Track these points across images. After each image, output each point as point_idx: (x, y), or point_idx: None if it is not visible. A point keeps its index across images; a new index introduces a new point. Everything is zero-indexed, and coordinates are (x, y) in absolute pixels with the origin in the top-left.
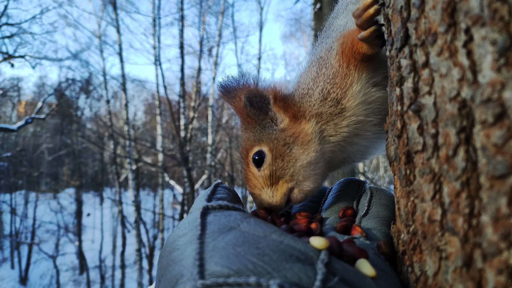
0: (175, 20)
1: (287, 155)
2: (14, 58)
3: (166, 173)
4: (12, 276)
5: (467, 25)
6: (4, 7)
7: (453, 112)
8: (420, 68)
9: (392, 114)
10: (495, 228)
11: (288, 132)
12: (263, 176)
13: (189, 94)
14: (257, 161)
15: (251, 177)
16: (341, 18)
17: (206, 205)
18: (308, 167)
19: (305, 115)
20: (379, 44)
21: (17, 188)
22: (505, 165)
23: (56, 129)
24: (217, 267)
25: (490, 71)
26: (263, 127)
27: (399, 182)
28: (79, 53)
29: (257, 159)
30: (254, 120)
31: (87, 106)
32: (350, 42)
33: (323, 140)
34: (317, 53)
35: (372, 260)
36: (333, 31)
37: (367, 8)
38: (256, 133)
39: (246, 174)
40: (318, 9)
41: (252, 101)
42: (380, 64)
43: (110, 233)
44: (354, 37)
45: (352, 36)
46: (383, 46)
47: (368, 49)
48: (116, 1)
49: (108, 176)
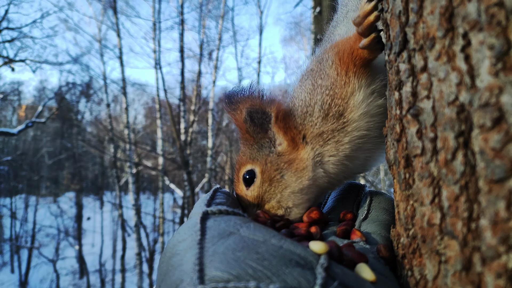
0: (175, 24)
1: (276, 181)
2: (15, 62)
3: (166, 176)
4: (12, 280)
5: (465, 30)
6: (5, 12)
7: (451, 116)
8: (419, 73)
9: (391, 118)
10: (494, 231)
11: (285, 157)
12: (251, 196)
13: (190, 97)
14: (247, 180)
15: (239, 192)
16: (341, 26)
17: (205, 210)
18: (300, 193)
19: (306, 138)
20: (380, 48)
21: (17, 192)
22: (503, 169)
23: (56, 133)
24: (217, 272)
25: (488, 76)
26: (260, 146)
27: (399, 185)
28: (79, 57)
29: (248, 178)
30: (252, 137)
31: (87, 110)
32: (349, 48)
33: (320, 164)
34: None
35: (372, 265)
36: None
37: (367, 15)
38: (253, 151)
39: (236, 188)
40: (317, 12)
41: (253, 116)
42: (377, 70)
43: (110, 237)
44: (351, 43)
45: (349, 43)
46: (383, 50)
47: (369, 54)
48: (116, 5)
49: (108, 179)
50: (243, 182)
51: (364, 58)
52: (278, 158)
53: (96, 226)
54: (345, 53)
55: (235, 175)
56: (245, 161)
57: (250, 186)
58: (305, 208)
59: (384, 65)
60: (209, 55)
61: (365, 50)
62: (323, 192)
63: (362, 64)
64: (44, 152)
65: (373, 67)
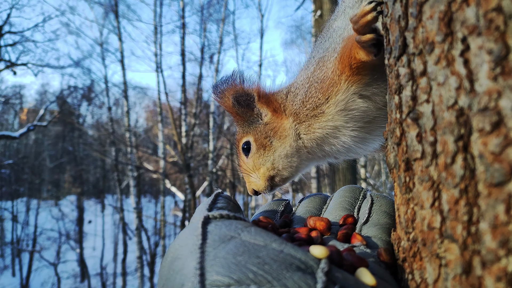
0: (176, 28)
1: (268, 146)
2: (17, 65)
3: (168, 179)
4: (13, 284)
5: (464, 34)
6: (7, 16)
7: (451, 120)
8: (418, 77)
9: (391, 122)
10: (493, 235)
11: (270, 126)
12: (250, 163)
13: (191, 100)
14: (245, 149)
15: (242, 164)
16: (340, 20)
17: (207, 214)
18: (286, 158)
19: (285, 111)
20: (374, 52)
21: (19, 195)
22: (503, 173)
23: (58, 136)
24: (218, 276)
25: (487, 80)
26: (251, 122)
27: (399, 189)
28: (81, 61)
29: (245, 148)
30: (242, 117)
31: (89, 113)
32: (349, 47)
33: (298, 137)
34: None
35: (372, 269)
36: (334, 31)
37: (365, 15)
38: (245, 127)
39: (239, 161)
40: (318, 16)
41: (239, 100)
42: (372, 80)
43: (111, 240)
44: (353, 41)
45: (352, 41)
46: (378, 55)
47: (363, 55)
48: (118, 9)
49: (110, 183)
50: (243, 153)
51: (358, 60)
52: (265, 127)
53: (97, 230)
54: (346, 52)
55: (236, 151)
56: (241, 136)
57: (249, 154)
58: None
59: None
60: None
61: (360, 52)
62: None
63: (357, 67)
64: (45, 155)
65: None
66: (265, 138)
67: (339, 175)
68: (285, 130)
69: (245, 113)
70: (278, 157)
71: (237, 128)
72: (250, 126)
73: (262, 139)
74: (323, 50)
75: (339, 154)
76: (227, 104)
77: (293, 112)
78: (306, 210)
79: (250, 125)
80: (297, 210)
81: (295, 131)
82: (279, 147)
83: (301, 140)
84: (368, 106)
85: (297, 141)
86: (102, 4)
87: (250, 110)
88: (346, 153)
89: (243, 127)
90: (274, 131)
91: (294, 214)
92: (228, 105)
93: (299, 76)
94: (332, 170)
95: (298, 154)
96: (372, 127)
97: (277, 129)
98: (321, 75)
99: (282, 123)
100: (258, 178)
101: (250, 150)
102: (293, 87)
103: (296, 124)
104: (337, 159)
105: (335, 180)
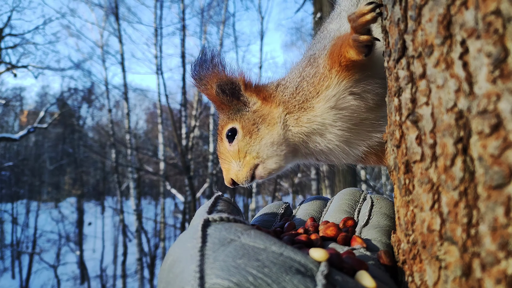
0: (176, 30)
1: (255, 133)
2: (17, 68)
3: (168, 181)
4: (13, 286)
5: (463, 37)
6: (8, 18)
7: (450, 122)
8: (418, 79)
9: (390, 124)
10: (493, 237)
11: (259, 113)
12: (233, 150)
13: (191, 103)
14: (229, 136)
15: (223, 151)
16: (335, 23)
17: (206, 217)
18: (272, 147)
19: (275, 100)
20: (365, 52)
21: (19, 197)
22: (502, 175)
23: (58, 138)
24: (218, 280)
25: (486, 83)
26: (237, 110)
27: (399, 191)
28: (81, 63)
29: (230, 135)
30: (228, 106)
31: (89, 116)
32: (340, 44)
33: (286, 127)
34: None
35: (372, 272)
36: (328, 33)
37: (365, 15)
38: (231, 114)
39: (219, 148)
40: (318, 18)
41: (224, 88)
42: (362, 77)
43: (111, 242)
44: (345, 40)
45: (344, 39)
46: (368, 55)
47: (353, 54)
48: (118, 12)
49: (110, 185)
50: (226, 139)
51: (348, 59)
52: (254, 114)
53: (97, 232)
54: (336, 49)
55: (218, 137)
56: (226, 122)
57: (233, 141)
58: (278, 163)
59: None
60: None
61: (351, 50)
62: (291, 159)
63: (346, 64)
64: (45, 157)
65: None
66: (252, 124)
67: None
68: (273, 118)
69: (230, 102)
70: (264, 145)
71: (220, 115)
72: (237, 114)
73: (250, 126)
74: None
75: (321, 155)
76: (210, 92)
77: (283, 101)
78: (306, 213)
79: (237, 113)
80: (297, 213)
81: (284, 121)
82: (267, 135)
83: (290, 132)
84: (359, 104)
85: (285, 131)
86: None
87: (235, 99)
88: (328, 155)
89: (228, 114)
90: (262, 118)
91: (294, 216)
92: (211, 93)
93: (290, 73)
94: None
95: (285, 143)
96: (358, 130)
97: (266, 117)
98: (313, 71)
99: (271, 111)
100: (240, 166)
101: (235, 137)
102: (283, 80)
103: (286, 113)
104: (319, 161)
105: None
